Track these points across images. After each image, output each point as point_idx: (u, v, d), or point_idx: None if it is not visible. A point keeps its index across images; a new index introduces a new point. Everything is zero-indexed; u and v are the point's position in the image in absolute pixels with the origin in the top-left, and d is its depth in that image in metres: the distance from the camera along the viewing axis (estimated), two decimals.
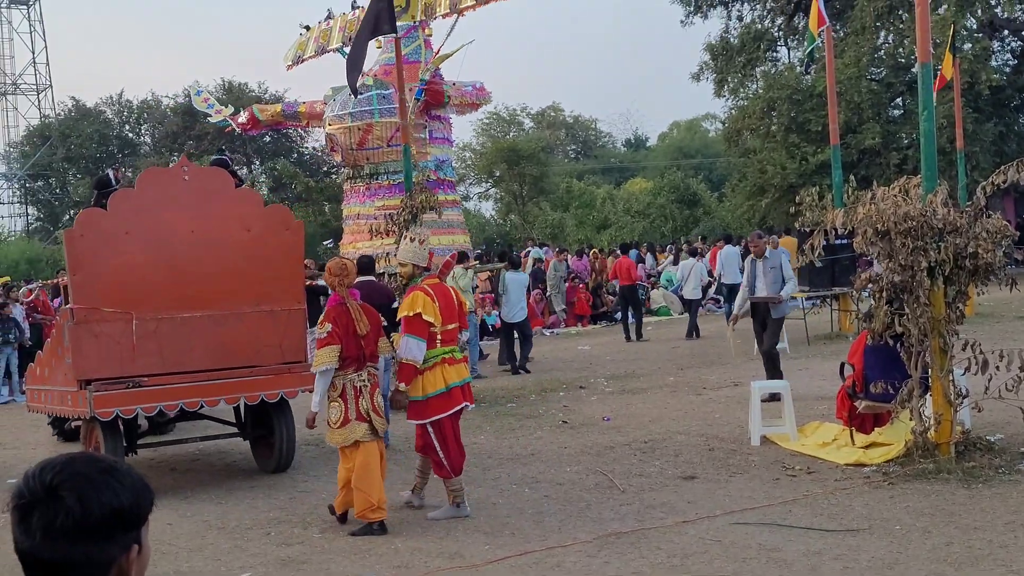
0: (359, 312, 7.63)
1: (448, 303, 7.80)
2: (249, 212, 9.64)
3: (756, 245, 12.69)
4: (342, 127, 18.19)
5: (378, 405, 7.62)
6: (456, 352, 7.87)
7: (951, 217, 8.22)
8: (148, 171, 10.10)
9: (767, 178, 34.23)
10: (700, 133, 67.99)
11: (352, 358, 7.55)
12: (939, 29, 27.28)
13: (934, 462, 8.07)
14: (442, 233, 17.62)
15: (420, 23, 18.16)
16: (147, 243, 9.11)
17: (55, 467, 1.86)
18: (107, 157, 55.56)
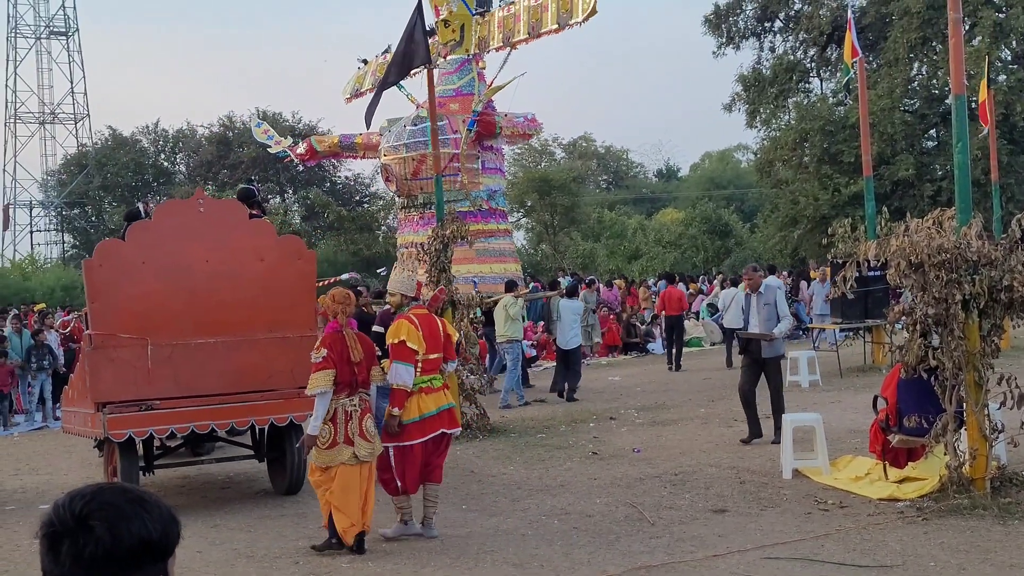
0: (354, 340, 7.86)
1: (432, 332, 8.10)
2: (263, 243, 9.92)
3: (750, 279, 12.04)
4: (397, 158, 18.53)
5: (366, 430, 7.78)
6: (436, 381, 8.14)
7: (986, 250, 8.14)
8: (165, 203, 10.50)
9: (799, 209, 34.12)
10: (732, 164, 67.92)
11: (345, 383, 7.77)
12: (973, 61, 27.18)
13: (969, 498, 7.95)
14: (493, 261, 18.31)
15: (474, 56, 18.88)
16: (163, 272, 9.44)
17: (85, 497, 1.87)
18: (142, 186, 56.21)
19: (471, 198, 18.02)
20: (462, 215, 17.59)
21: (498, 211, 19.10)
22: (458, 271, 17.24)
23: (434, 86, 13.56)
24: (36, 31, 59.48)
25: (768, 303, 11.64)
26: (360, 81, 22.35)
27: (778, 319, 11.64)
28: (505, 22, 18.46)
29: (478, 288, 17.92)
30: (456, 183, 18.07)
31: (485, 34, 18.61)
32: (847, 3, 36.01)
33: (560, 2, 17.58)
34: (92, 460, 12.68)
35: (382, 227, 46.89)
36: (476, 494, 9.68)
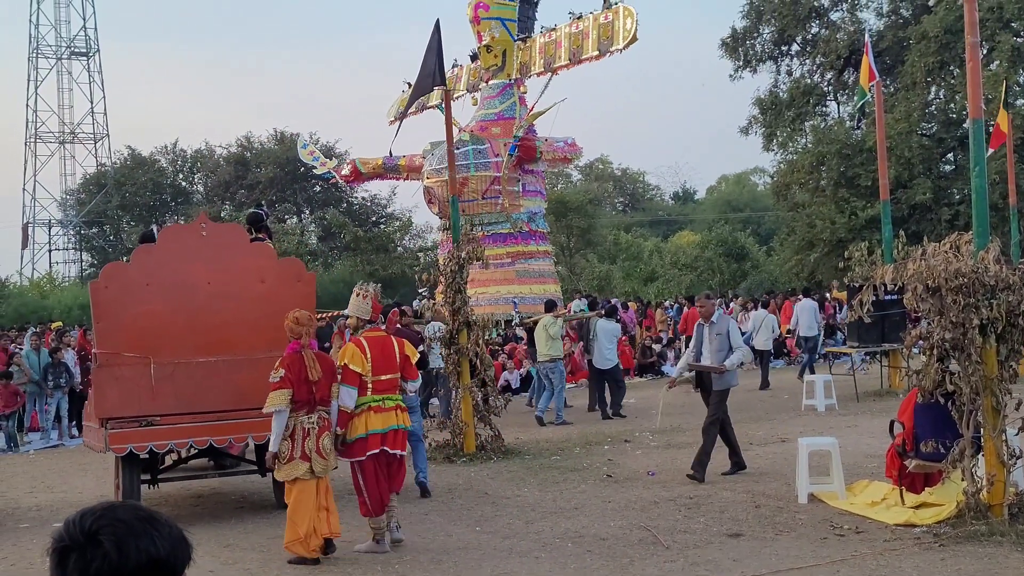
0: (313, 360, 8.19)
1: (385, 354, 8.45)
2: (263, 265, 10.32)
3: (703, 306, 11.48)
4: (439, 180, 18.76)
5: (322, 447, 8.10)
6: (388, 401, 8.40)
7: (1003, 274, 8.11)
8: (169, 227, 10.88)
9: (816, 232, 34.05)
10: (748, 187, 67.88)
11: (303, 402, 8.11)
12: (991, 85, 27.13)
13: (987, 524, 7.88)
14: (533, 282, 18.83)
15: (515, 81, 19.49)
16: (166, 293, 9.86)
17: (95, 513, 1.88)
18: (160, 205, 56.50)
19: (512, 220, 18.45)
20: (503, 237, 18.38)
21: (538, 233, 19.59)
22: (499, 292, 18.28)
23: (451, 107, 13.64)
24: (57, 52, 60.02)
25: (720, 333, 11.04)
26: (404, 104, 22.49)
27: (730, 350, 11.01)
28: (546, 48, 18.93)
29: (519, 308, 18.22)
30: (498, 205, 18.56)
31: (526, 59, 19.16)
32: (864, 27, 36.04)
33: (601, 29, 17.97)
34: (107, 479, 12.70)
35: (398, 248, 46.98)
36: (490, 516, 9.66)
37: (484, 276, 18.30)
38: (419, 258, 44.60)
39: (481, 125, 19.39)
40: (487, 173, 18.33)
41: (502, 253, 18.90)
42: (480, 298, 18.06)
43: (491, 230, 18.51)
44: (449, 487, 11.24)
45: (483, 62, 19.78)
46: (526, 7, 19.88)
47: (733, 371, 11.22)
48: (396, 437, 8.43)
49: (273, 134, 55.80)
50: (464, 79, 21.54)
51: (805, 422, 15.17)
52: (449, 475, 12.03)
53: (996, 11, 30.34)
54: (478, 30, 19.73)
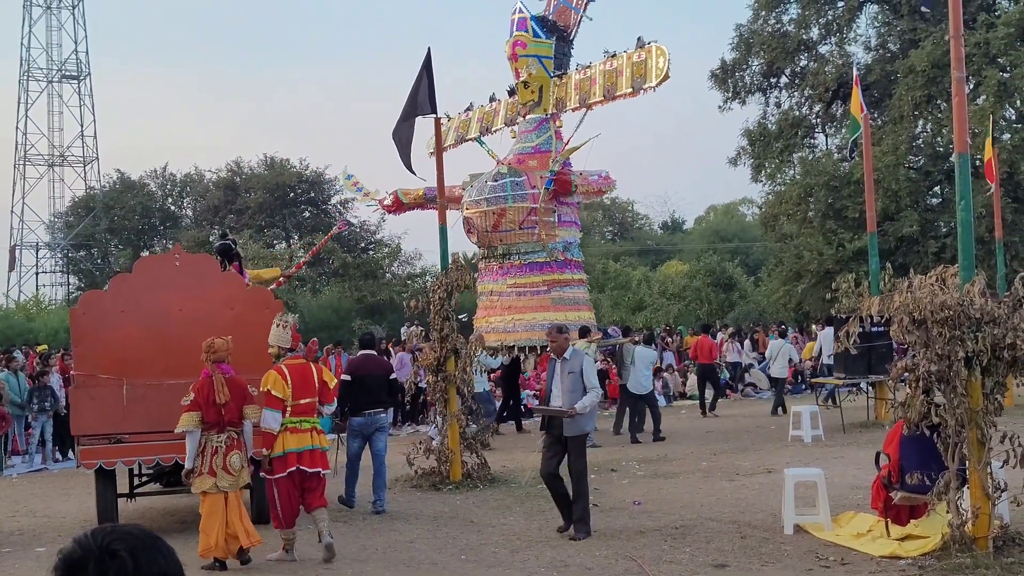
0: (222, 384, 8.88)
1: (304, 380, 9.23)
2: (232, 294, 11.07)
3: (554, 340, 10.08)
4: (478, 211, 19.50)
5: (229, 464, 8.83)
6: (305, 423, 9.16)
7: (989, 307, 8.15)
8: (144, 258, 11.81)
9: (804, 263, 34.17)
10: (737, 217, 68.07)
11: (213, 423, 8.86)
12: (978, 119, 27.33)
13: (971, 557, 7.88)
14: (568, 309, 19.39)
15: (551, 116, 20.21)
16: (140, 320, 10.65)
17: (106, 530, 1.97)
18: (149, 229, 56.41)
19: (548, 249, 19.12)
20: (539, 265, 19.24)
21: (573, 262, 20.11)
22: (535, 318, 18.87)
23: (441, 135, 13.75)
24: (48, 75, 60.02)
25: (573, 371, 9.81)
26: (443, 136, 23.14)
27: (584, 390, 9.75)
28: (581, 84, 19.58)
29: None
30: (534, 235, 19.18)
31: (562, 95, 19.92)
32: (852, 60, 36.32)
33: (634, 67, 18.58)
34: (90, 503, 12.62)
35: (387, 274, 46.95)
36: (475, 544, 9.63)
37: (521, 303, 19.38)
38: (408, 284, 44.53)
39: (519, 158, 20.09)
40: (524, 204, 19.02)
41: (538, 281, 19.64)
42: (517, 324, 19.11)
43: (528, 259, 19.40)
44: (435, 515, 11.20)
45: (520, 98, 20.55)
46: (562, 45, 20.69)
47: (590, 415, 10.06)
48: (312, 456, 9.18)
49: (263, 159, 55.84)
50: (502, 113, 22.34)
51: (792, 453, 15.18)
52: (435, 503, 12.00)
53: (983, 46, 30.60)
54: (516, 67, 20.47)
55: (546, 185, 18.83)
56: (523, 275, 19.44)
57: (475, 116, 22.83)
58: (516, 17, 20.47)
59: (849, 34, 38.35)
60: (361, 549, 9.60)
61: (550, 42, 20.33)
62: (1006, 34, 29.97)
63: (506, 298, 19.48)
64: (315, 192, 56.09)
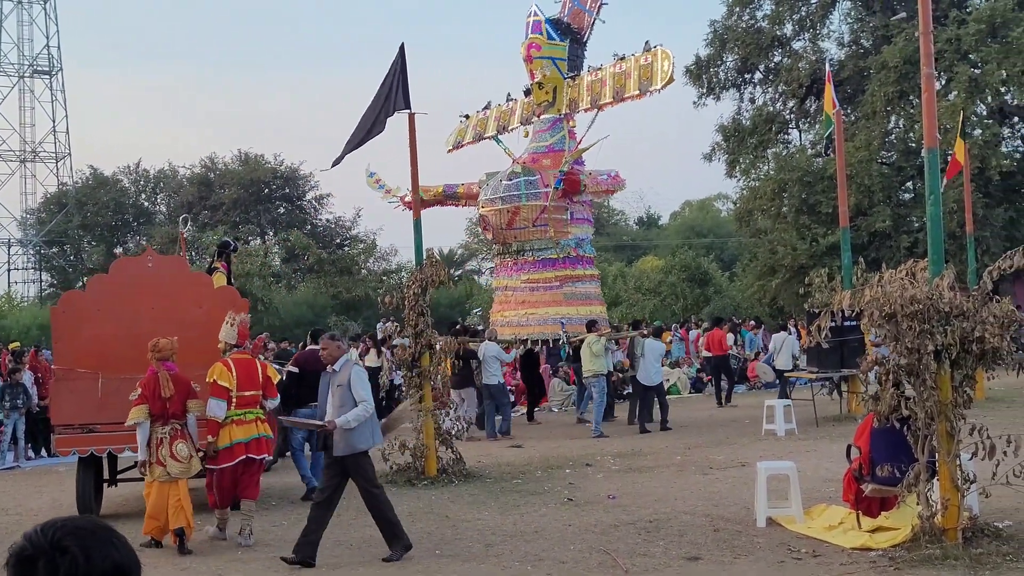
0: (167, 380, 9.55)
1: (249, 374, 9.89)
2: (201, 293, 11.66)
3: (326, 348, 9.18)
4: (493, 209, 20.32)
5: (176, 453, 9.47)
6: (249, 414, 9.79)
7: (958, 301, 8.23)
8: (119, 260, 12.48)
9: (778, 259, 34.36)
10: (712, 213, 68.29)
11: (158, 416, 9.53)
12: (949, 115, 27.55)
13: (941, 548, 7.96)
14: (580, 304, 20.25)
15: (565, 116, 21.04)
16: (116, 318, 11.24)
17: (57, 524, 1.94)
18: (122, 226, 56.04)
19: (560, 246, 19.92)
20: (552, 261, 20.05)
21: (585, 258, 20.80)
22: (547, 313, 19.75)
23: (415, 130, 13.76)
24: (19, 70, 59.47)
25: (342, 384, 8.91)
26: (462, 135, 24.17)
27: (353, 403, 8.84)
28: (592, 86, 20.41)
29: (566, 328, 19.50)
30: (547, 233, 19.98)
31: (575, 96, 20.73)
32: (826, 56, 36.51)
33: (641, 71, 19.46)
34: (63, 501, 12.58)
35: (362, 270, 46.85)
36: (450, 539, 9.64)
37: (534, 298, 20.14)
38: (383, 280, 44.45)
39: (533, 157, 20.84)
40: (537, 203, 19.82)
41: (551, 277, 20.36)
42: (530, 318, 19.92)
43: (540, 255, 20.17)
44: (410, 511, 11.19)
45: (535, 98, 21.28)
46: (575, 47, 21.40)
47: (362, 431, 8.93)
48: (259, 444, 9.85)
49: (237, 155, 55.62)
50: (519, 113, 23.09)
51: (765, 446, 15.27)
52: (410, 498, 12.00)
53: (954, 42, 30.85)
54: (531, 68, 21.20)
55: (556, 184, 19.50)
56: (536, 271, 20.13)
57: (492, 115, 23.46)
58: (531, 20, 21.18)
59: (822, 30, 38.61)
60: (335, 544, 9.59)
61: (564, 44, 21.07)
62: (977, 31, 30.22)
63: (520, 293, 20.23)
64: (290, 188, 55.94)
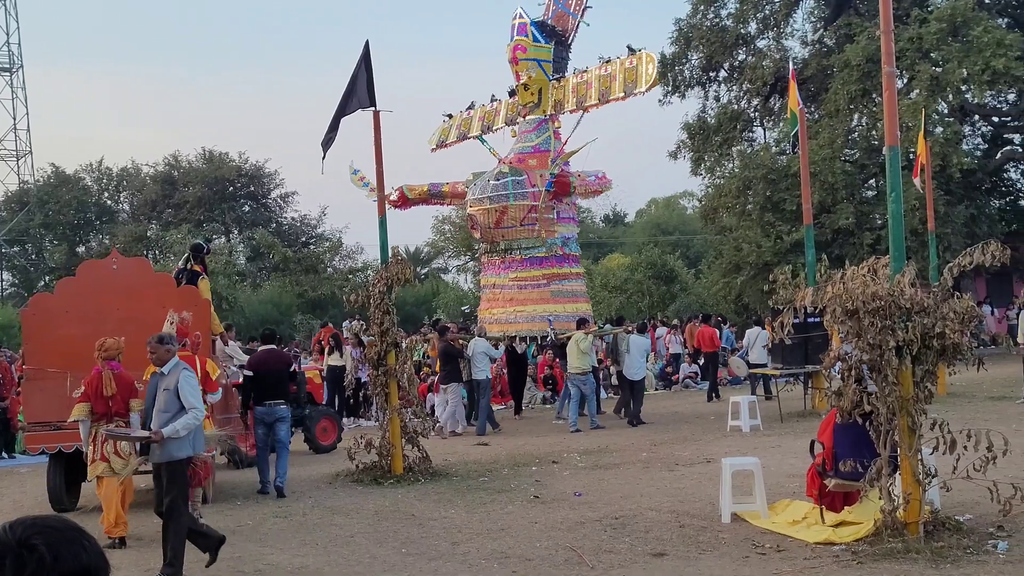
0: (110, 379, 9.89)
1: None
2: (164, 293, 12.05)
3: (153, 352, 8.62)
4: (481, 209, 20.69)
5: (120, 449, 9.78)
6: None
7: (918, 297, 8.31)
8: (86, 263, 13.21)
9: (743, 256, 34.52)
10: (678, 210, 68.64)
11: (101, 413, 9.89)
12: (911, 114, 27.80)
13: (903, 541, 8.05)
14: (567, 301, 20.81)
15: (550, 117, 21.45)
16: (83, 319, 11.63)
17: (25, 523, 1.92)
18: (85, 224, 55.52)
19: (547, 244, 20.41)
20: (539, 260, 20.55)
21: (571, 256, 21.33)
22: (535, 310, 20.26)
23: (380, 128, 13.74)
24: None
25: (168, 388, 8.42)
26: (445, 134, 24.57)
27: (178, 408, 8.37)
28: (578, 88, 20.87)
29: (553, 325, 19.93)
30: (534, 232, 20.44)
31: (560, 97, 21.18)
32: (789, 55, 36.72)
33: (626, 73, 19.98)
34: (25, 503, 12.47)
35: (328, 269, 46.65)
36: (416, 538, 9.63)
37: (522, 296, 20.66)
38: (349, 279, 44.27)
39: (519, 157, 21.17)
40: (525, 202, 20.21)
41: (538, 275, 20.89)
42: (519, 315, 20.44)
43: (528, 254, 20.64)
44: (376, 509, 11.19)
45: (521, 99, 21.63)
46: (560, 49, 21.78)
47: (182, 439, 8.36)
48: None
49: (201, 153, 55.23)
50: (503, 113, 23.54)
51: (730, 443, 15.36)
52: (376, 497, 11.98)
53: (915, 41, 31.10)
54: (516, 70, 21.55)
55: (547, 187, 19.99)
56: (524, 269, 20.63)
57: (476, 115, 23.85)
58: (517, 22, 21.50)
59: (786, 28, 38.81)
60: (301, 544, 9.56)
61: (549, 46, 21.44)
62: (938, 29, 30.48)
63: (508, 291, 20.75)
64: (255, 186, 55.59)
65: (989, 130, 37.70)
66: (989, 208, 35.30)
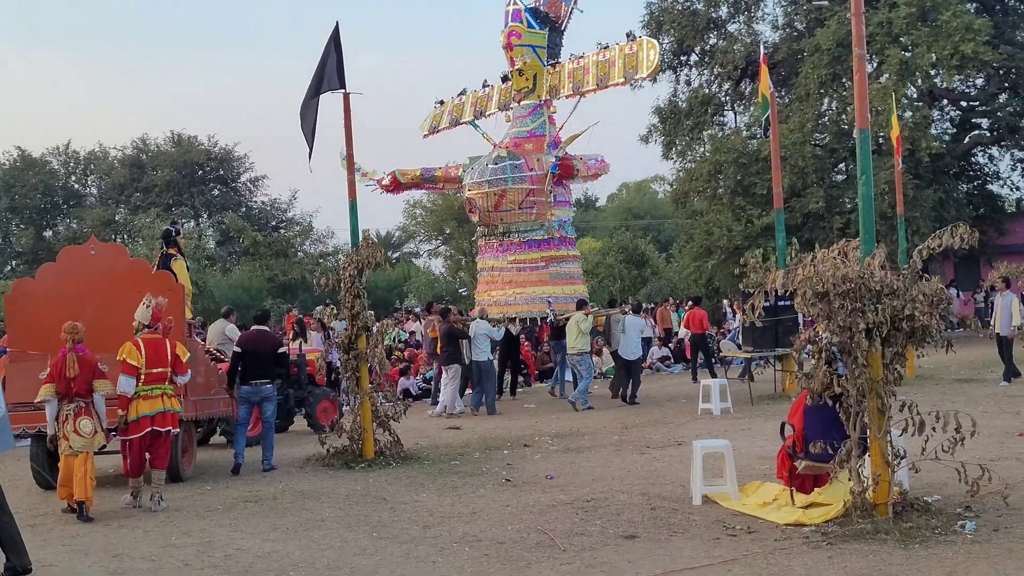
0: (73, 361, 10.36)
1: (158, 353, 10.78)
2: (140, 278, 12.39)
3: None
4: (480, 192, 20.90)
5: (80, 428, 10.31)
6: (156, 390, 10.73)
7: (888, 280, 8.35)
8: (66, 248, 13.42)
9: (713, 240, 34.64)
10: (649, 194, 68.80)
11: (64, 394, 10.41)
12: (881, 98, 27.92)
13: (872, 523, 8.10)
14: (564, 283, 21.16)
15: (545, 102, 21.78)
16: (63, 302, 11.95)
17: None
18: (52, 208, 54.96)
19: (546, 227, 20.81)
20: (538, 243, 20.91)
21: (568, 239, 21.69)
22: (535, 292, 20.64)
23: (350, 112, 13.63)
24: None
25: None
26: (437, 120, 24.78)
27: None
28: (574, 74, 21.17)
29: (552, 307, 20.37)
30: (532, 215, 20.75)
31: (556, 83, 21.52)
32: (760, 39, 36.80)
33: (626, 59, 20.21)
34: None
35: (298, 253, 46.41)
36: (387, 521, 9.60)
37: (521, 278, 20.91)
38: (320, 263, 44.06)
39: (515, 142, 21.46)
40: (523, 186, 20.50)
41: (537, 257, 21.14)
42: (518, 297, 20.68)
43: (527, 236, 20.91)
44: (347, 493, 11.15)
45: (515, 84, 21.97)
46: (554, 35, 22.13)
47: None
48: (164, 417, 10.77)
49: (170, 136, 54.77)
50: (496, 99, 23.69)
51: (701, 425, 15.42)
52: (347, 481, 11.94)
53: (885, 25, 31.24)
54: (511, 55, 21.82)
55: (552, 169, 20.35)
56: (523, 252, 20.87)
57: (468, 100, 24.07)
58: (511, 8, 21.71)
59: (757, 12, 38.86)
60: (272, 528, 9.51)
61: (543, 32, 21.72)
62: (907, 14, 30.61)
63: (507, 273, 20.93)
64: (224, 170, 55.20)
65: (957, 115, 37.96)
66: (957, 192, 35.56)
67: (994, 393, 17.19)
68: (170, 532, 9.59)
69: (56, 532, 9.79)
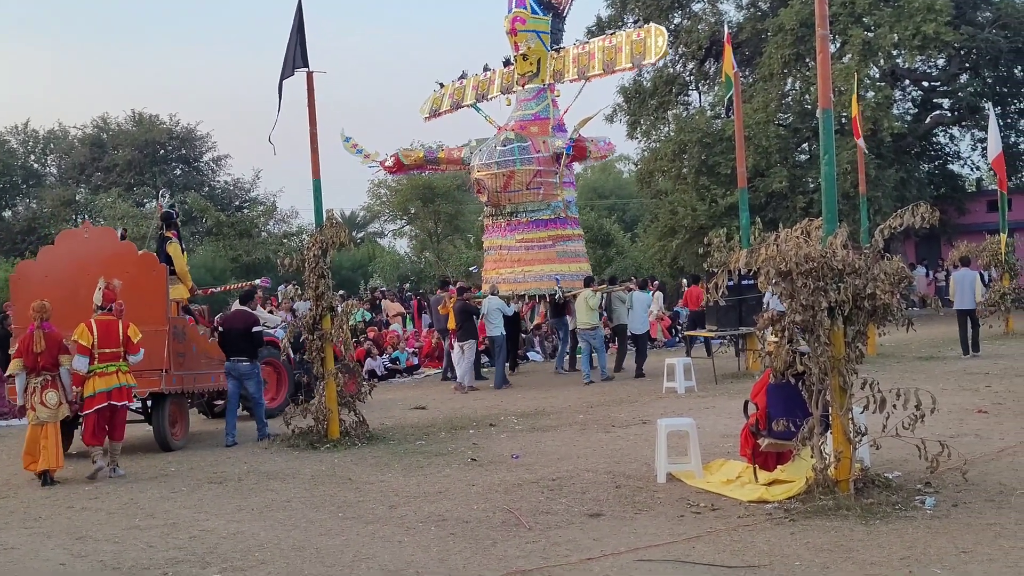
0: (40, 337, 11.21)
1: (110, 333, 11.49)
2: (127, 259, 13.34)
3: None
4: (489, 174, 21.59)
5: (45, 400, 11.15)
6: (111, 367, 11.45)
7: (850, 259, 8.42)
8: (64, 232, 14.33)
9: (678, 219, 34.77)
10: (614, 174, 68.74)
11: (31, 368, 11.26)
12: (843, 78, 28.10)
13: (834, 499, 8.19)
14: (571, 261, 21.88)
15: (548, 86, 22.33)
16: (59, 283, 13.14)
17: None
18: (11, 188, 54.23)
19: (552, 207, 21.41)
20: (545, 222, 21.59)
21: (572, 219, 22.27)
22: (543, 270, 21.38)
23: (314, 91, 13.55)
24: None
25: None
26: (437, 103, 25.16)
27: None
28: (579, 59, 21.67)
29: (560, 283, 21.04)
30: (540, 195, 21.43)
31: (560, 67, 22.02)
32: (724, 19, 36.89)
33: (633, 45, 20.75)
34: None
35: (262, 233, 46.07)
36: (352, 501, 9.60)
37: (529, 256, 21.53)
38: (283, 243, 43.76)
39: (520, 124, 22.03)
40: (531, 167, 21.19)
41: (544, 236, 21.72)
42: (527, 275, 21.38)
43: (534, 216, 21.51)
44: (312, 474, 11.13)
45: (519, 69, 22.47)
46: (556, 21, 22.65)
47: None
48: (120, 392, 11.51)
49: (131, 115, 54.14)
50: (498, 82, 24.18)
51: (665, 404, 15.51)
52: (312, 461, 11.92)
53: (848, 6, 31.40)
54: (515, 40, 22.28)
55: (566, 151, 20.97)
56: (530, 231, 21.48)
57: (469, 84, 24.53)
58: None
59: None
60: (237, 509, 9.48)
61: (547, 18, 22.22)
62: None
63: (515, 252, 21.58)
64: (186, 149, 54.65)
65: (919, 95, 38.28)
66: (918, 172, 35.91)
67: (953, 370, 17.41)
68: (134, 514, 9.54)
69: (18, 515, 9.71)
